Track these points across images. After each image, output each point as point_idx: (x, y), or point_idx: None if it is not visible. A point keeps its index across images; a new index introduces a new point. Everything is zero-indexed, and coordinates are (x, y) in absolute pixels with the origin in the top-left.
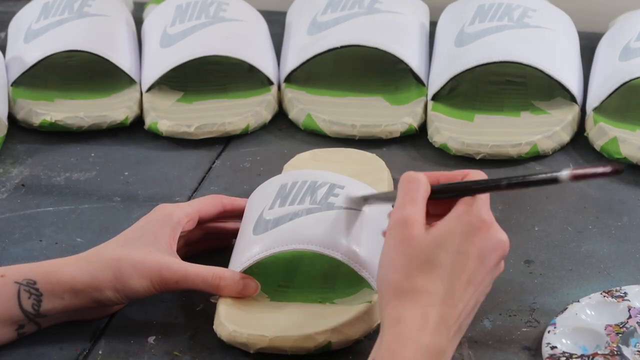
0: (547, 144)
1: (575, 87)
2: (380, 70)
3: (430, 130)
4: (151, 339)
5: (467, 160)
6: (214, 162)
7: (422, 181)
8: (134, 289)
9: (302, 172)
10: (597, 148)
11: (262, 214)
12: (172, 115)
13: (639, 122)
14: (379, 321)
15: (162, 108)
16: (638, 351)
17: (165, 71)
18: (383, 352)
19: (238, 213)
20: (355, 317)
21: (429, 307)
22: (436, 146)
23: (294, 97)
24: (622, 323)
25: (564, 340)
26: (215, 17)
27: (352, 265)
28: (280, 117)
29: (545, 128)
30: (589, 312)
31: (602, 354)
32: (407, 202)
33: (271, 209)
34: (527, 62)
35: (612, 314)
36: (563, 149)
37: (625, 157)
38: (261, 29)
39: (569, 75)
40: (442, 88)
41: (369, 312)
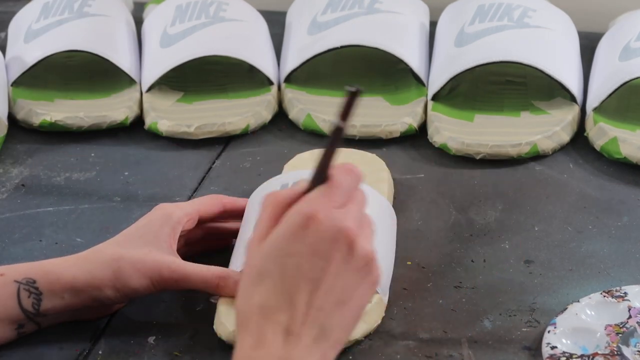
0: (547, 144)
1: (575, 87)
2: (380, 70)
3: (430, 130)
4: (151, 339)
5: (467, 160)
6: (214, 162)
7: (265, 202)
8: (133, 288)
9: (303, 172)
10: (597, 148)
11: None
12: (172, 115)
13: (639, 122)
14: (379, 322)
15: (162, 108)
16: (638, 351)
17: (165, 71)
18: None
19: (238, 213)
20: None
21: (264, 321)
22: (436, 146)
23: (294, 97)
24: (622, 323)
25: (564, 340)
26: (215, 17)
27: None
28: (280, 117)
29: (545, 128)
30: (589, 312)
31: (602, 354)
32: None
33: None
34: (527, 62)
35: (612, 314)
36: (563, 149)
37: (625, 157)
38: (261, 29)
39: (569, 75)
40: (442, 88)
41: (370, 312)
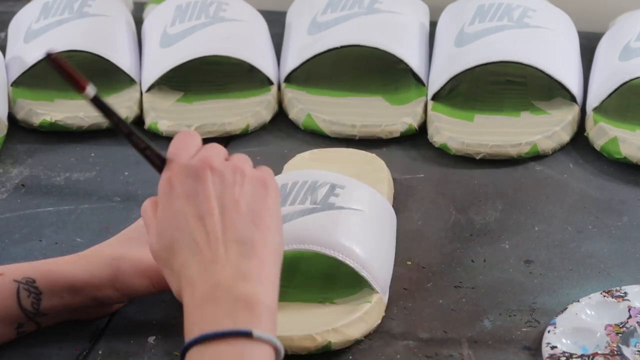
0: (547, 144)
1: (575, 87)
2: (380, 70)
3: (430, 130)
4: (151, 339)
5: (467, 160)
6: None
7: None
8: (133, 288)
9: (303, 172)
10: (597, 148)
11: None
12: (172, 115)
13: (639, 122)
14: (379, 321)
15: (162, 108)
16: (638, 351)
17: (165, 71)
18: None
19: None
20: (355, 318)
21: (187, 271)
22: (436, 146)
23: (294, 97)
24: (622, 323)
25: (564, 340)
26: (215, 17)
27: (352, 265)
28: (280, 117)
29: (545, 128)
30: (589, 312)
31: (602, 354)
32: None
33: None
34: (527, 62)
35: (612, 313)
36: (563, 149)
37: (625, 157)
38: (261, 29)
39: (569, 75)
40: (442, 88)
41: (370, 312)
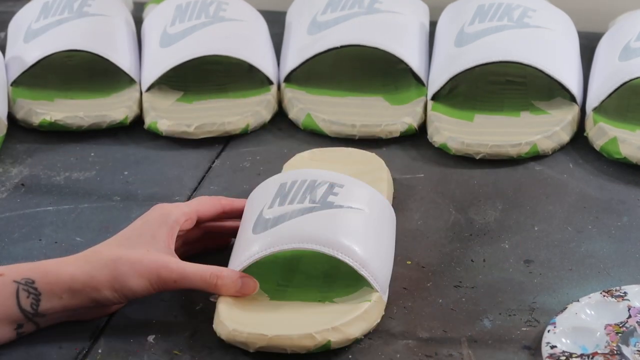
0: (547, 144)
1: (575, 87)
2: (380, 70)
3: (430, 130)
4: (151, 338)
5: (466, 160)
6: (213, 162)
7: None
8: (132, 289)
9: (302, 171)
10: (597, 148)
11: (261, 212)
12: (171, 114)
13: (639, 122)
14: (378, 320)
15: (161, 108)
16: (638, 351)
17: (165, 71)
18: None
19: (237, 214)
20: (355, 316)
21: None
22: (436, 146)
23: (294, 97)
24: (621, 322)
25: (563, 340)
26: (215, 17)
27: (351, 263)
28: (280, 117)
29: (545, 128)
30: (588, 311)
31: (602, 354)
32: None
33: (271, 207)
34: (527, 62)
35: (611, 313)
36: (563, 149)
37: (625, 157)
38: (261, 28)
39: (569, 75)
40: (442, 88)
41: (369, 310)
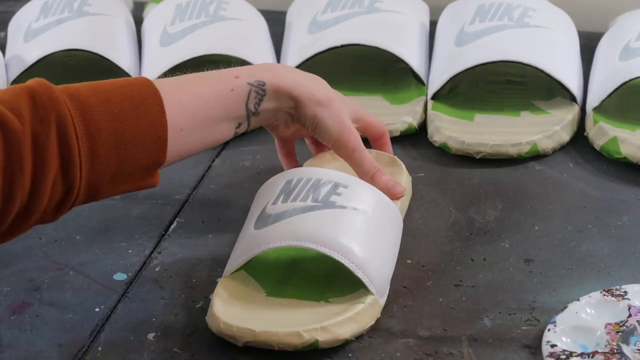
0: (547, 144)
1: (575, 87)
2: (380, 69)
3: (430, 130)
4: (151, 336)
5: (467, 160)
6: (213, 161)
7: None
8: (325, 129)
9: (310, 169)
10: (597, 148)
11: (265, 208)
12: None
13: (639, 122)
14: (372, 323)
15: None
16: (638, 349)
17: (165, 70)
18: None
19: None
20: (346, 317)
21: None
22: (436, 145)
23: None
24: (622, 322)
25: (564, 339)
26: (215, 16)
27: (347, 264)
28: None
29: (545, 128)
30: (589, 310)
31: (602, 352)
32: None
33: (274, 204)
34: (527, 62)
35: (612, 312)
36: (563, 148)
37: (625, 157)
38: (261, 28)
39: (569, 75)
40: (442, 87)
41: (362, 313)
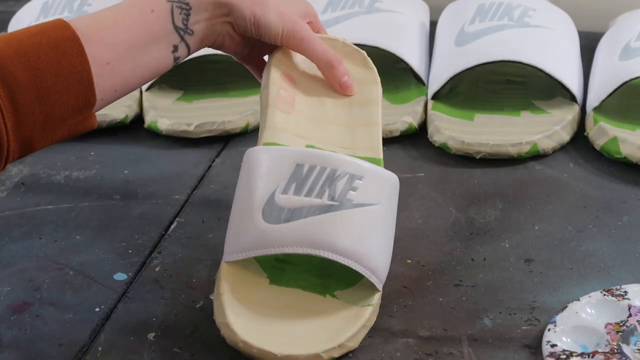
0: (547, 144)
1: (575, 87)
2: (380, 69)
3: (430, 130)
4: (151, 336)
5: (467, 160)
6: (213, 161)
7: None
8: (267, 23)
9: (322, 154)
10: (597, 148)
11: (273, 195)
12: (171, 114)
13: (639, 122)
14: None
15: (161, 107)
16: (638, 349)
17: None
18: None
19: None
20: (359, 327)
21: None
22: (436, 145)
23: None
24: (622, 321)
25: (564, 339)
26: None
27: (363, 272)
28: None
29: (546, 127)
30: (589, 310)
31: (603, 352)
32: None
33: (285, 193)
34: (527, 62)
35: (612, 312)
36: (563, 148)
37: (625, 157)
38: None
39: (569, 75)
40: (442, 87)
41: (371, 318)
